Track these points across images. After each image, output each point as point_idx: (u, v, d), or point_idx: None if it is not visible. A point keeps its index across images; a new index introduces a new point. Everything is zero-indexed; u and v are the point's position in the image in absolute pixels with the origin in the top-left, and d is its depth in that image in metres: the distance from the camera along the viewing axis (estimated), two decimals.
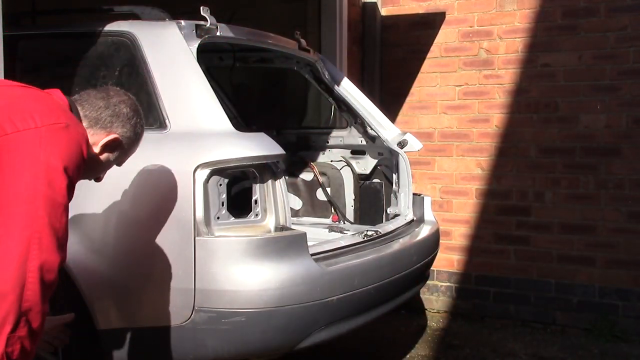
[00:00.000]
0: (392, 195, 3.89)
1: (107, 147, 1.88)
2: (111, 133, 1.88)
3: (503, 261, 4.71)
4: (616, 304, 4.37)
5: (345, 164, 4.11)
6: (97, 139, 1.86)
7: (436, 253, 3.72)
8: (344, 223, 4.05)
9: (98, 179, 2.03)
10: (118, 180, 2.58)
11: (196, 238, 2.45)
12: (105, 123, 1.87)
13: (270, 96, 5.72)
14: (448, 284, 4.90)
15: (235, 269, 2.45)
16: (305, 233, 2.65)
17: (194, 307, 2.47)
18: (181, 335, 2.51)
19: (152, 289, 2.56)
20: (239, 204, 2.65)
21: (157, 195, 2.54)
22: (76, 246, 2.56)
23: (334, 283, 2.69)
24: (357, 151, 4.10)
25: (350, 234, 3.32)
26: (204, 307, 2.46)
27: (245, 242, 2.49)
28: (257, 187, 2.61)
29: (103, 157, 1.90)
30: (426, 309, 4.96)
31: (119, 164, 2.01)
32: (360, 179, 4.07)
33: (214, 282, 2.45)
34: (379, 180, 4.02)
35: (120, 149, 1.93)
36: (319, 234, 3.62)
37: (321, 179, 4.14)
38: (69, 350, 2.63)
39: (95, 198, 2.59)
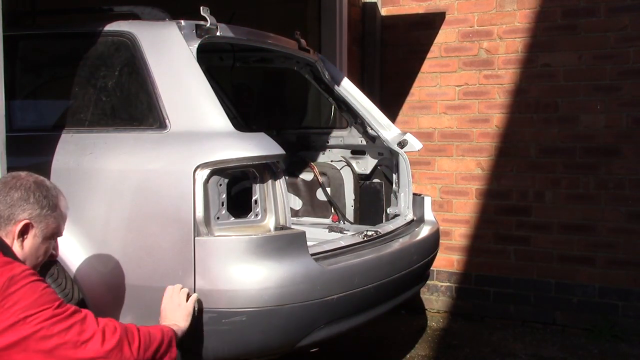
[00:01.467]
0: (392, 195, 3.89)
1: (22, 234, 1.94)
2: (18, 222, 1.92)
3: (503, 261, 4.71)
4: (616, 304, 4.37)
5: (345, 164, 4.11)
6: (11, 235, 1.92)
7: (436, 253, 3.72)
8: (344, 223, 4.04)
9: (53, 256, 2.12)
10: (118, 180, 2.59)
11: (196, 238, 2.45)
12: (7, 218, 1.92)
13: (270, 96, 5.72)
14: (448, 284, 4.91)
15: (235, 268, 2.45)
16: (305, 232, 2.65)
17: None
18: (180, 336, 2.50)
19: (152, 289, 2.55)
20: (239, 204, 2.65)
21: (157, 195, 2.54)
22: (76, 246, 2.56)
23: (333, 282, 2.69)
24: (357, 151, 4.10)
25: (350, 234, 3.32)
26: (204, 308, 2.46)
27: (245, 241, 2.48)
28: (257, 187, 2.61)
29: (29, 243, 1.96)
30: (426, 309, 4.96)
31: (59, 234, 2.07)
32: (360, 179, 4.07)
33: (214, 282, 2.44)
34: (379, 180, 4.02)
35: (37, 228, 1.97)
36: (319, 234, 3.62)
37: (321, 179, 4.14)
38: None
39: (95, 198, 2.60)
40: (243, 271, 2.45)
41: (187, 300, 2.36)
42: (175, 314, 2.30)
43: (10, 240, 1.93)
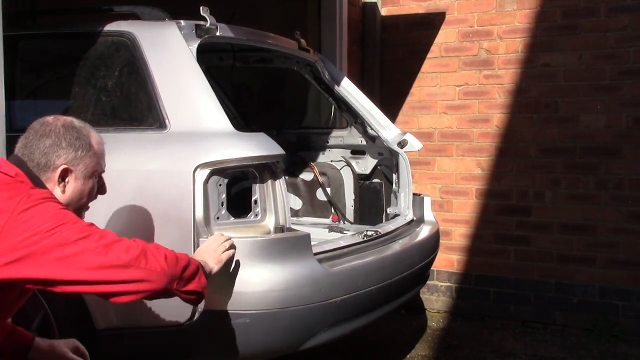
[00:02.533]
0: (392, 195, 3.89)
1: (62, 179, 1.92)
2: (55, 169, 1.90)
3: (503, 261, 4.71)
4: (616, 304, 4.37)
5: (345, 164, 4.11)
6: (52, 181, 1.90)
7: (436, 253, 3.72)
8: (344, 223, 4.04)
9: (102, 191, 2.08)
10: (118, 180, 2.58)
11: (200, 239, 2.44)
12: (44, 165, 1.90)
13: (270, 96, 5.72)
14: (448, 284, 4.90)
15: (239, 270, 2.45)
16: (309, 234, 2.64)
17: (194, 307, 2.46)
18: (184, 336, 2.50)
19: None
20: (239, 204, 2.65)
21: (157, 195, 2.54)
22: None
23: (337, 284, 2.69)
24: (357, 151, 4.10)
25: (350, 234, 3.32)
26: (208, 309, 2.45)
27: (250, 243, 2.48)
28: (256, 187, 2.61)
29: (71, 187, 1.94)
30: (426, 309, 4.96)
31: (101, 170, 2.03)
32: (360, 179, 4.07)
33: (217, 283, 2.44)
34: (379, 180, 4.02)
35: (76, 171, 1.94)
36: (319, 234, 3.62)
37: (321, 179, 4.14)
38: None
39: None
40: (248, 273, 2.45)
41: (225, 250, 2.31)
42: (208, 254, 2.26)
43: (52, 186, 1.90)
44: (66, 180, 1.92)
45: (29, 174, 1.87)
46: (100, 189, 2.06)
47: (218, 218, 2.51)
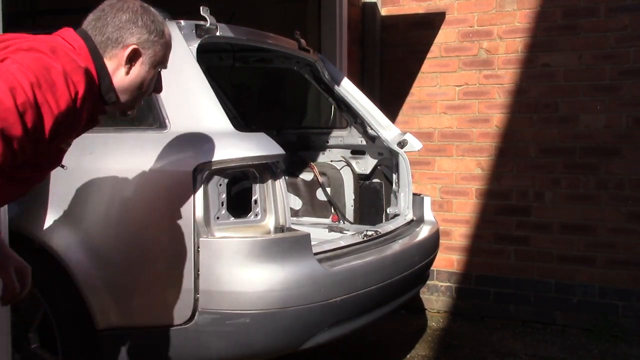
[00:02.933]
0: (392, 195, 3.89)
1: (130, 60, 1.80)
2: (126, 47, 1.79)
3: (503, 261, 4.71)
4: (616, 304, 4.37)
5: (345, 164, 4.11)
6: (117, 59, 1.79)
7: (436, 253, 3.73)
8: (344, 223, 4.04)
9: (157, 90, 1.96)
10: (118, 180, 2.59)
11: (200, 239, 2.44)
12: (115, 40, 1.79)
13: (270, 96, 5.72)
14: (448, 284, 4.90)
15: (239, 270, 2.45)
16: (309, 234, 2.65)
17: (194, 307, 2.47)
18: (183, 336, 2.50)
19: (152, 289, 2.56)
20: (239, 204, 2.65)
21: (157, 195, 2.54)
22: (76, 245, 2.57)
23: (337, 284, 2.69)
24: (357, 151, 4.10)
25: (350, 234, 3.32)
26: (208, 309, 2.46)
27: (250, 243, 2.48)
28: (256, 187, 2.61)
29: (135, 71, 1.82)
30: (426, 309, 4.96)
31: (164, 64, 1.91)
32: (360, 179, 4.07)
33: (217, 284, 2.44)
34: (379, 180, 4.02)
35: (145, 55, 1.83)
36: (319, 234, 3.62)
37: (321, 179, 4.14)
38: (69, 350, 2.63)
39: (95, 197, 2.60)
40: (248, 273, 2.45)
41: None
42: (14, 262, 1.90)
43: (116, 64, 1.80)
44: (133, 63, 1.81)
45: (92, 50, 1.77)
46: (158, 84, 1.95)
47: (218, 218, 2.51)
